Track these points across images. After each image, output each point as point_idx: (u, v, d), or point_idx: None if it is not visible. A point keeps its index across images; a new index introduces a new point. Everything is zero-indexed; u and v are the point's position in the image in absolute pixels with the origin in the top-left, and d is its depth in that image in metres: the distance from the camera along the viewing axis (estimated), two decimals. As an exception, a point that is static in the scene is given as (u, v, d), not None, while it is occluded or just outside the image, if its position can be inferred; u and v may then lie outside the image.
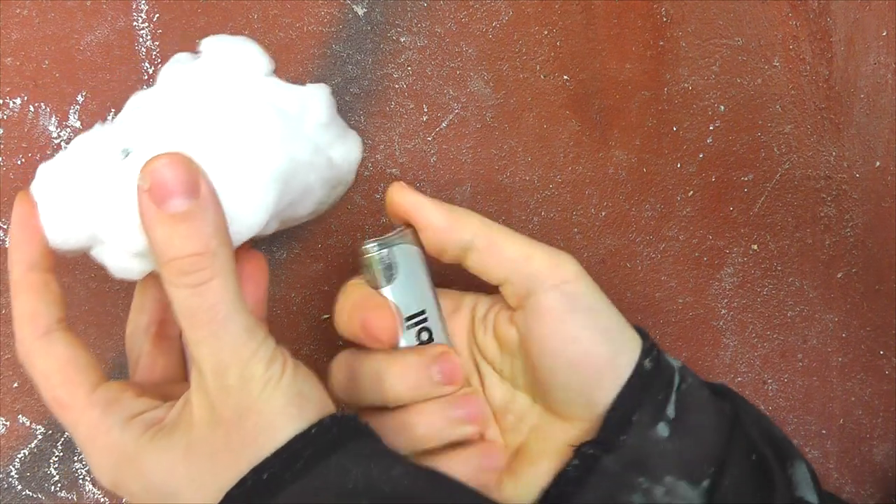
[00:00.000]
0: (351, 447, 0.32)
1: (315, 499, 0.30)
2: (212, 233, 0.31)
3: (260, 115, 0.35)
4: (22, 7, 0.44)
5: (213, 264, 0.31)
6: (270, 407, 0.31)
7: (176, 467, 0.31)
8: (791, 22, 0.52)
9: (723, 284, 0.53)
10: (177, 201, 0.30)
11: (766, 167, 0.53)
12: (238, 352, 0.31)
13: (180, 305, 0.31)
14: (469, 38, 0.49)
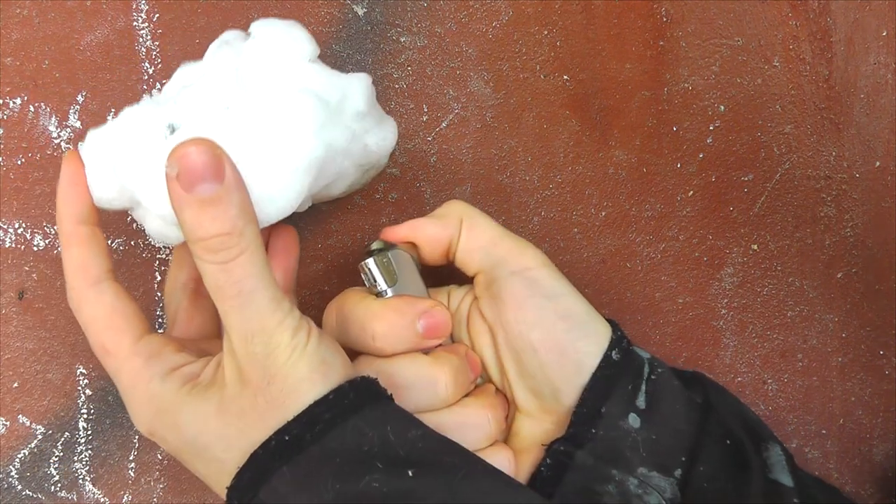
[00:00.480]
0: (368, 411, 0.33)
1: (332, 460, 0.31)
2: (237, 214, 0.32)
3: (300, 104, 0.36)
4: (22, 7, 0.44)
5: (240, 243, 0.32)
6: (296, 373, 0.33)
7: (208, 423, 0.33)
8: (791, 22, 0.52)
9: (723, 284, 0.53)
10: (204, 186, 0.32)
11: (766, 167, 0.53)
12: (264, 321, 0.33)
13: (209, 279, 0.33)
14: (469, 38, 0.49)
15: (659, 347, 0.52)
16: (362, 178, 0.41)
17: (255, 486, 0.32)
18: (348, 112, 0.38)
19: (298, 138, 0.35)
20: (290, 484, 0.31)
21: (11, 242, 0.44)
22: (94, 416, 0.45)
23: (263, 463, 0.32)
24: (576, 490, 0.38)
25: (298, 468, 0.31)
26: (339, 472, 0.31)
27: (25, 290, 0.45)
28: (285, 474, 0.31)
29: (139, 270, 0.46)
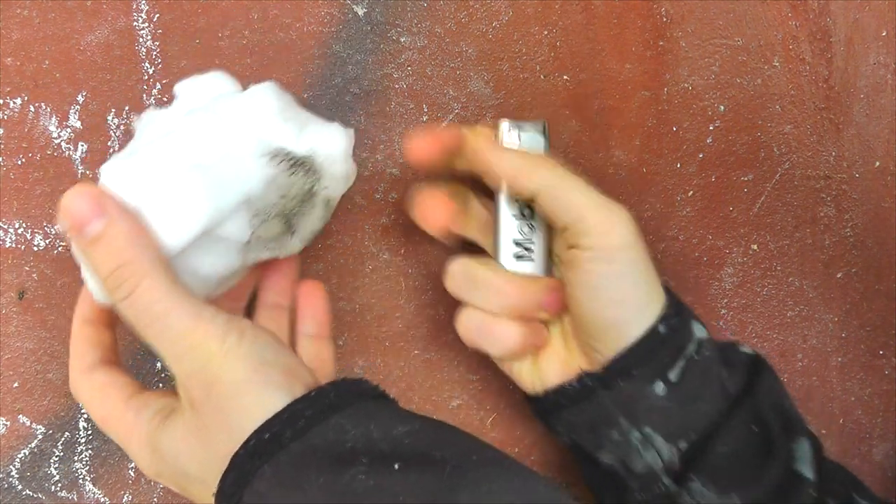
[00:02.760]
0: (350, 410, 0.33)
1: (314, 456, 0.31)
2: (124, 245, 0.33)
3: (181, 179, 0.35)
4: (22, 7, 0.44)
5: (135, 273, 0.33)
6: (232, 377, 0.33)
7: (180, 448, 0.34)
8: (791, 22, 0.52)
9: (723, 284, 0.53)
10: (90, 226, 0.34)
11: (766, 167, 0.53)
12: (188, 339, 0.33)
13: (126, 317, 0.34)
14: (469, 38, 0.49)
15: (659, 347, 0.52)
16: (331, 198, 0.40)
17: (238, 488, 0.31)
18: (249, 142, 0.36)
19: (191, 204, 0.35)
20: (272, 481, 0.31)
21: (11, 242, 0.44)
22: (94, 416, 0.45)
23: (243, 464, 0.31)
24: (582, 421, 0.41)
25: (279, 466, 0.31)
26: (321, 468, 0.30)
27: (25, 290, 0.45)
28: (266, 472, 0.31)
29: (139, 270, 0.46)
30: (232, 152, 0.36)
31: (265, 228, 0.38)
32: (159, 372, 0.46)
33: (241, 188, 0.36)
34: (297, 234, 0.40)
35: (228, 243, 0.37)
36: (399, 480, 0.30)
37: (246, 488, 0.31)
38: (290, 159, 0.37)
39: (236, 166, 0.36)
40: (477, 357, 0.50)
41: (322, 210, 0.40)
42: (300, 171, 0.37)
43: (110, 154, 0.45)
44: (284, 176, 0.37)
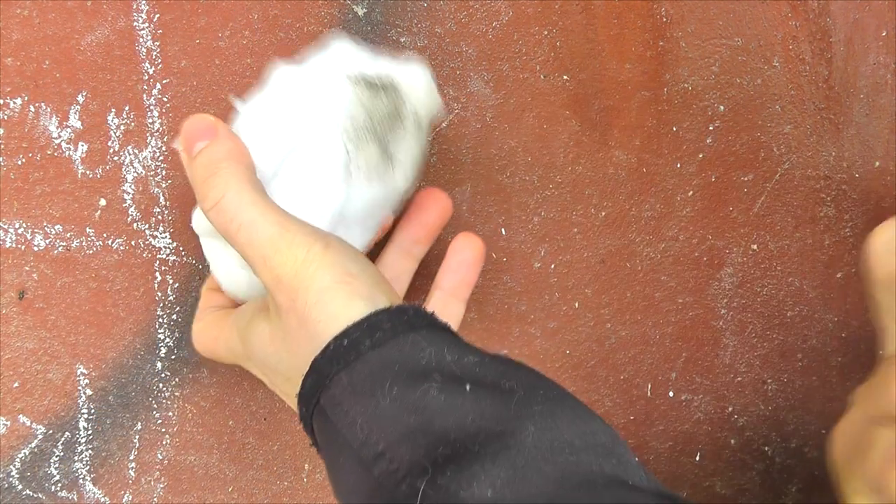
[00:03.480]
0: (426, 332, 0.33)
1: (390, 368, 0.31)
2: (220, 157, 0.35)
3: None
4: (22, 7, 0.44)
5: (226, 182, 0.35)
6: (317, 284, 0.33)
7: (266, 349, 0.36)
8: (791, 22, 0.52)
9: (723, 284, 0.53)
10: (198, 144, 0.36)
11: (766, 167, 0.53)
12: (275, 244, 0.34)
13: (218, 228, 0.36)
14: (469, 38, 0.49)
15: (659, 347, 0.52)
16: (421, 118, 0.41)
17: (316, 392, 0.32)
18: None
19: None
20: (347, 388, 0.31)
21: (11, 242, 0.44)
22: (94, 415, 0.45)
23: (322, 368, 0.32)
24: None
25: (355, 374, 0.31)
26: (396, 380, 0.30)
27: (25, 290, 0.45)
28: (342, 379, 0.31)
29: (139, 270, 0.46)
30: (318, 85, 0.38)
31: (363, 154, 0.38)
32: (159, 372, 0.46)
33: (328, 109, 0.38)
34: (398, 167, 0.40)
35: (329, 169, 0.38)
36: (470, 400, 0.30)
37: (323, 392, 0.32)
38: (370, 83, 0.39)
39: (322, 92, 0.38)
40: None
41: (415, 133, 0.40)
42: (382, 93, 0.39)
43: (110, 154, 0.45)
44: (368, 98, 0.39)
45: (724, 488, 0.54)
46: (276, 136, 0.38)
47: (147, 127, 0.45)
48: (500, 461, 0.28)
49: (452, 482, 0.28)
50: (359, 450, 0.30)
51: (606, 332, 0.52)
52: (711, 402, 0.54)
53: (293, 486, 0.48)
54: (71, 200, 0.45)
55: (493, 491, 0.27)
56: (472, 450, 0.28)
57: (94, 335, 0.45)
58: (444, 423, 0.29)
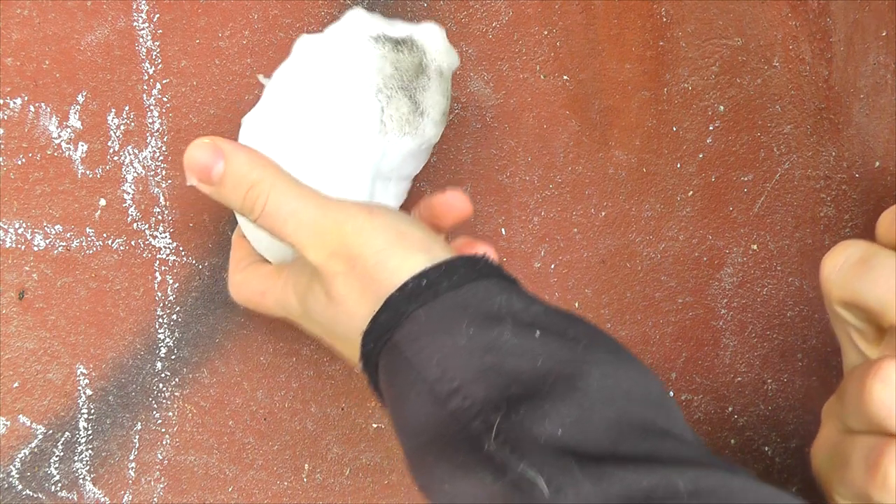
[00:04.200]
0: (496, 280, 0.34)
1: (466, 309, 0.32)
2: (246, 171, 0.36)
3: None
4: (22, 7, 0.44)
5: (263, 189, 0.36)
6: (373, 246, 0.34)
7: (324, 312, 0.36)
8: (791, 22, 0.52)
9: (723, 284, 0.53)
10: (215, 170, 0.36)
11: (766, 167, 0.53)
12: (319, 222, 0.35)
13: (267, 230, 0.37)
14: (469, 38, 0.49)
15: (659, 347, 0.52)
16: (443, 68, 0.42)
17: (389, 327, 0.33)
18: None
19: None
20: (424, 326, 0.32)
21: (11, 242, 0.44)
22: (94, 415, 0.45)
23: (398, 305, 0.33)
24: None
25: (433, 311, 0.32)
26: (472, 320, 0.32)
27: (25, 290, 0.45)
28: (420, 316, 0.32)
29: (139, 270, 0.46)
30: (344, 47, 0.40)
31: (394, 106, 0.40)
32: (159, 372, 0.46)
33: (357, 66, 0.40)
34: (427, 116, 0.41)
35: (364, 122, 0.40)
36: (539, 344, 0.31)
37: (397, 329, 0.33)
38: (392, 40, 0.41)
39: (349, 53, 0.40)
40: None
41: (437, 82, 0.41)
42: (404, 48, 0.41)
43: (110, 154, 0.45)
44: (392, 53, 0.40)
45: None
46: (309, 101, 0.39)
47: (147, 127, 0.45)
48: (568, 401, 0.29)
49: (525, 419, 0.29)
50: (433, 385, 0.31)
51: (606, 332, 0.52)
52: (711, 402, 0.54)
53: (293, 486, 0.48)
54: (71, 200, 0.45)
55: (563, 429, 0.29)
56: (543, 389, 0.30)
57: (94, 335, 0.45)
58: (517, 363, 0.30)
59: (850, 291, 0.33)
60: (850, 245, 0.34)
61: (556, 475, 0.27)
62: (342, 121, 0.40)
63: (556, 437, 0.28)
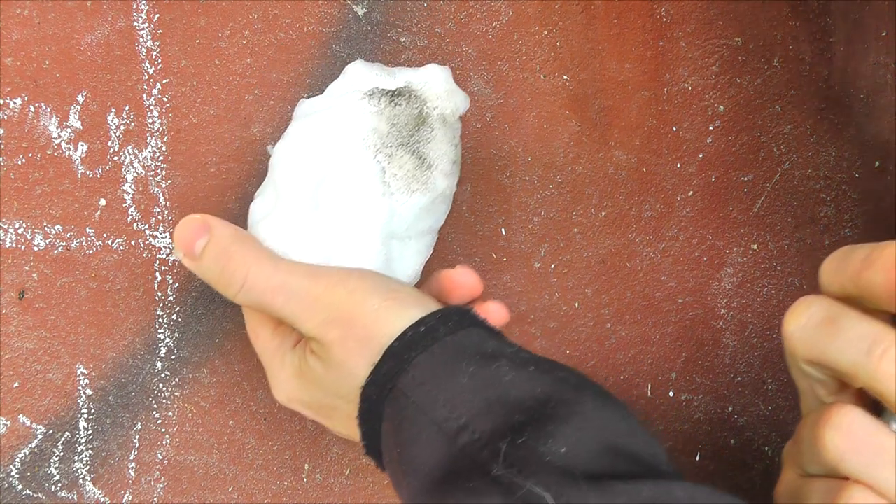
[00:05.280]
0: (485, 326, 0.36)
1: (464, 352, 0.34)
2: (227, 244, 0.37)
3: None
4: (22, 7, 0.44)
5: (242, 262, 0.37)
6: (369, 307, 0.35)
7: (324, 377, 0.37)
8: (791, 22, 0.52)
9: (723, 284, 0.53)
10: (198, 244, 0.37)
11: (766, 167, 0.53)
12: (311, 291, 0.36)
13: (249, 305, 0.38)
14: (469, 38, 0.49)
15: (659, 347, 0.52)
16: (447, 114, 0.41)
17: (392, 376, 0.34)
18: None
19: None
20: (427, 370, 0.33)
21: (11, 242, 0.44)
22: (94, 415, 0.45)
23: (400, 353, 0.34)
24: None
25: (434, 356, 0.34)
26: (471, 360, 0.33)
27: (25, 290, 0.45)
28: (422, 362, 0.34)
29: (139, 270, 0.46)
30: (338, 109, 0.39)
31: (397, 164, 0.39)
32: (159, 372, 0.46)
33: (350, 128, 0.39)
34: (435, 168, 0.40)
35: (366, 186, 0.39)
36: (535, 377, 0.33)
37: (401, 376, 0.34)
38: (387, 93, 0.40)
39: (343, 115, 0.39)
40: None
41: (442, 131, 0.40)
42: (401, 100, 0.40)
43: (110, 154, 0.45)
44: (388, 108, 0.39)
45: (725, 488, 0.54)
46: (310, 168, 0.39)
47: (147, 127, 0.45)
48: (570, 423, 0.31)
49: (530, 441, 0.31)
50: (441, 424, 0.32)
51: (606, 332, 0.52)
52: (711, 402, 0.54)
53: (293, 486, 0.48)
54: (71, 200, 0.45)
55: (567, 448, 0.30)
56: (545, 413, 0.32)
57: (94, 335, 0.45)
58: (519, 393, 0.32)
59: (818, 353, 0.33)
60: (813, 303, 0.34)
61: (563, 490, 0.29)
62: (343, 189, 0.39)
63: (560, 455, 0.30)
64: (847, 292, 0.33)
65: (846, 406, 0.32)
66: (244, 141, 0.46)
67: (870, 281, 0.31)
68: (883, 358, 0.30)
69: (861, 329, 0.31)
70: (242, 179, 0.47)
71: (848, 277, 0.32)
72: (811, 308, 0.33)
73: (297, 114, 0.41)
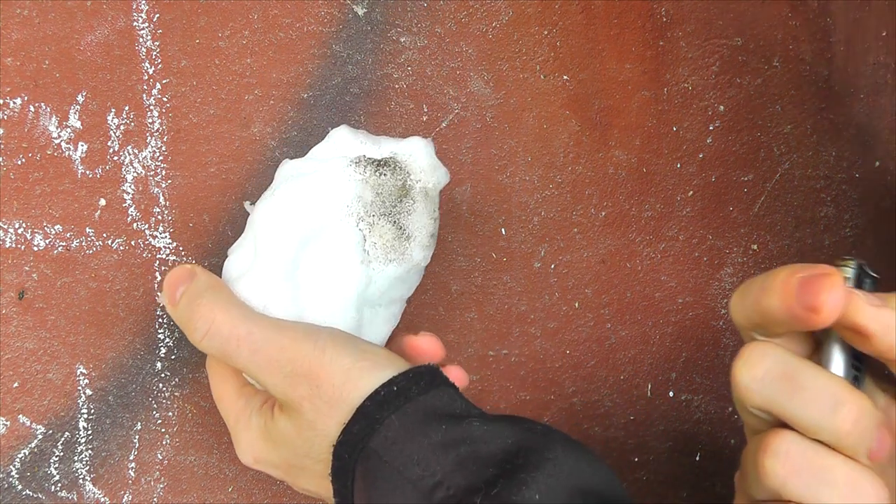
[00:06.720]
0: (454, 390, 0.36)
1: (434, 412, 0.34)
2: (200, 291, 0.37)
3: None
4: (22, 7, 0.44)
5: (210, 309, 0.37)
6: (340, 366, 0.35)
7: (292, 437, 0.36)
8: (791, 22, 0.52)
9: (723, 284, 0.53)
10: (178, 292, 0.38)
11: (766, 167, 0.53)
12: (277, 343, 0.36)
13: (216, 354, 0.37)
14: (469, 38, 0.49)
15: (659, 347, 0.52)
16: (429, 189, 0.42)
17: (364, 436, 0.34)
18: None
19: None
20: (400, 430, 0.34)
21: (11, 242, 0.44)
22: (94, 415, 0.45)
23: (372, 413, 0.34)
24: None
25: (407, 417, 0.34)
26: (441, 419, 0.34)
27: (25, 290, 0.45)
28: (394, 422, 0.34)
29: (139, 270, 0.46)
30: (324, 173, 0.40)
31: (377, 233, 0.40)
32: (159, 372, 0.46)
33: (336, 195, 0.39)
34: (413, 240, 0.41)
35: (346, 253, 0.39)
36: (505, 430, 0.34)
37: (373, 436, 0.34)
38: (373, 162, 0.40)
39: (328, 180, 0.39)
40: (477, 357, 0.50)
41: (423, 204, 0.41)
42: (387, 170, 0.40)
43: (110, 154, 0.45)
44: (374, 177, 0.40)
45: (724, 488, 0.54)
46: (288, 231, 0.39)
47: (147, 127, 0.45)
48: (542, 469, 0.32)
49: (503, 491, 0.31)
50: (417, 482, 0.33)
51: (606, 332, 0.52)
52: (711, 402, 0.54)
53: (293, 486, 0.48)
54: (71, 200, 0.45)
55: (540, 495, 0.31)
56: (517, 463, 0.32)
57: (94, 335, 0.45)
58: (490, 448, 0.33)
59: (777, 407, 0.33)
60: (766, 355, 0.34)
61: None
62: (324, 252, 0.39)
63: (534, 502, 0.31)
64: (754, 322, 0.34)
65: (782, 432, 0.33)
66: (244, 141, 0.46)
67: (768, 307, 0.33)
68: (847, 419, 0.32)
69: (821, 387, 0.32)
70: (242, 179, 0.47)
71: (750, 308, 0.34)
72: (766, 361, 0.34)
73: (280, 173, 0.41)
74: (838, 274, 0.32)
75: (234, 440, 0.39)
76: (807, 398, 0.32)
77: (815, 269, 0.32)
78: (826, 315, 0.31)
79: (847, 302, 0.32)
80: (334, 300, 0.39)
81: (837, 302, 0.31)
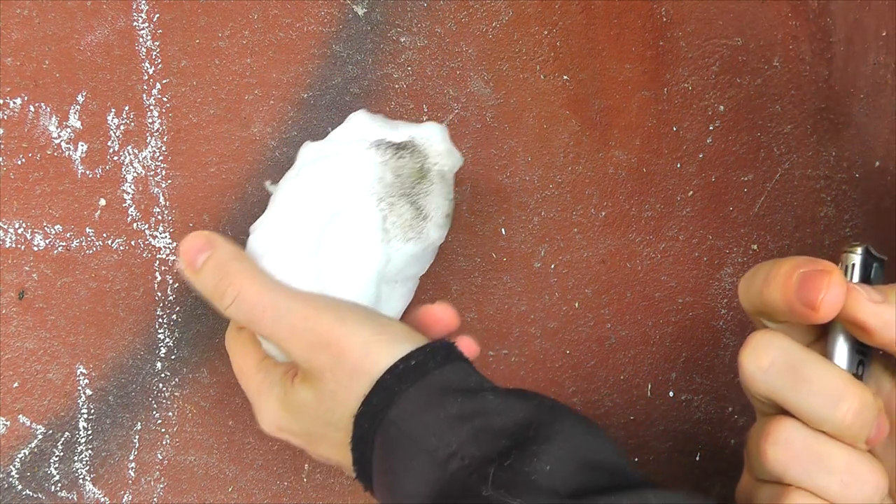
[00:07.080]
0: (469, 364, 0.38)
1: (450, 386, 0.35)
2: (225, 260, 0.38)
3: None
4: (22, 7, 0.44)
5: (238, 278, 0.38)
6: (360, 338, 0.36)
7: (312, 406, 0.37)
8: (791, 22, 0.52)
9: (723, 284, 0.53)
10: (200, 257, 0.39)
11: (766, 167, 0.53)
12: (300, 313, 0.37)
13: (241, 321, 0.38)
14: (469, 38, 0.49)
15: (659, 347, 0.52)
16: (445, 171, 0.43)
17: (384, 408, 0.35)
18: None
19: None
20: (417, 402, 0.35)
21: (11, 242, 0.44)
22: (94, 415, 0.45)
23: (391, 386, 0.35)
24: None
25: (423, 390, 0.35)
26: (457, 393, 0.35)
27: (25, 290, 0.45)
28: (412, 395, 0.35)
29: (139, 270, 0.46)
30: (345, 155, 0.41)
31: (396, 213, 0.41)
32: (159, 372, 0.46)
33: (358, 176, 0.40)
34: (430, 219, 0.42)
35: (367, 232, 0.40)
36: (517, 403, 0.35)
37: (392, 408, 0.35)
38: (393, 146, 0.41)
39: (350, 162, 0.41)
40: (477, 357, 0.50)
41: (440, 185, 0.42)
42: (405, 153, 0.41)
43: (110, 154, 0.45)
44: (393, 160, 0.41)
45: (724, 488, 0.54)
46: (313, 210, 0.40)
47: (147, 127, 0.45)
48: (552, 442, 0.33)
49: (516, 462, 0.33)
50: (433, 452, 0.34)
51: (606, 332, 0.52)
52: (711, 402, 0.54)
53: (293, 486, 0.48)
54: (71, 200, 0.45)
55: (551, 466, 0.33)
56: (529, 435, 0.34)
57: (94, 335, 0.45)
58: (503, 420, 0.34)
59: (780, 397, 0.34)
60: (772, 346, 0.35)
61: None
62: (346, 231, 0.40)
63: (545, 473, 0.32)
64: (758, 309, 0.36)
65: (783, 420, 0.34)
66: (244, 141, 0.46)
67: (770, 297, 0.34)
68: (849, 413, 0.32)
69: (825, 380, 0.33)
70: (242, 179, 0.47)
71: (755, 296, 0.35)
72: (771, 352, 0.34)
73: (302, 155, 0.42)
74: (838, 271, 0.33)
75: (256, 411, 0.40)
76: (810, 390, 0.33)
77: (817, 265, 0.33)
78: (824, 313, 0.32)
79: (847, 298, 0.32)
80: (355, 277, 0.40)
81: (836, 300, 0.32)
